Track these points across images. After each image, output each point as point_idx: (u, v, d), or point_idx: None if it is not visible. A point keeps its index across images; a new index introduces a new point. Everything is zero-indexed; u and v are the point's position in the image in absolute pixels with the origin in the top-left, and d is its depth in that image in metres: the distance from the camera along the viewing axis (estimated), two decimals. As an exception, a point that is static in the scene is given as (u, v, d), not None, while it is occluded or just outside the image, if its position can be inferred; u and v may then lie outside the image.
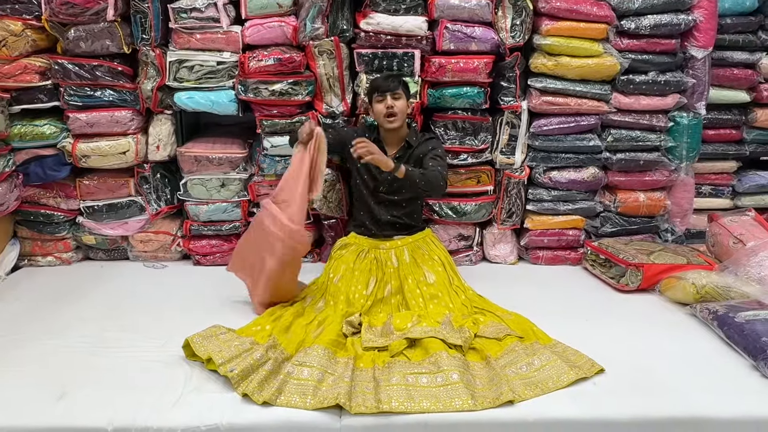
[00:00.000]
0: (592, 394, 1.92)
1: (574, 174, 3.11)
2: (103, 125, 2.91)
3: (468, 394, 1.84)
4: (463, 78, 2.89)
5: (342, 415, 1.81)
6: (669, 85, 3.01)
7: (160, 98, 2.93)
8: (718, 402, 1.88)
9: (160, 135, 2.99)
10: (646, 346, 2.23)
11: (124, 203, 3.08)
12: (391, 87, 2.61)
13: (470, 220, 3.14)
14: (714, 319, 2.32)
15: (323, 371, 1.95)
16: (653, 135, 3.09)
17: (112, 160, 2.97)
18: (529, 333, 2.25)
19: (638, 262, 2.75)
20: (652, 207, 3.18)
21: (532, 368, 2.01)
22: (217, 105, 2.91)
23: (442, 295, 2.53)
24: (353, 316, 2.32)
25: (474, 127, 2.99)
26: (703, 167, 3.30)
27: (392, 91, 2.60)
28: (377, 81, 2.67)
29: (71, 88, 2.86)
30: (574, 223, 3.19)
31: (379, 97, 2.61)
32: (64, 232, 3.12)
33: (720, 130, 3.25)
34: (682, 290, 2.57)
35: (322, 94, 2.93)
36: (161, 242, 3.16)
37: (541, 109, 3.00)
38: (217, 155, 2.99)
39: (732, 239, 2.84)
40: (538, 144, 3.06)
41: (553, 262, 3.21)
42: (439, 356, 2.00)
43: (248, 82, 2.84)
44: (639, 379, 1.99)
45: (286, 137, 2.91)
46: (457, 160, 3.03)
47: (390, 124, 2.62)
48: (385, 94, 2.60)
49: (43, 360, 2.09)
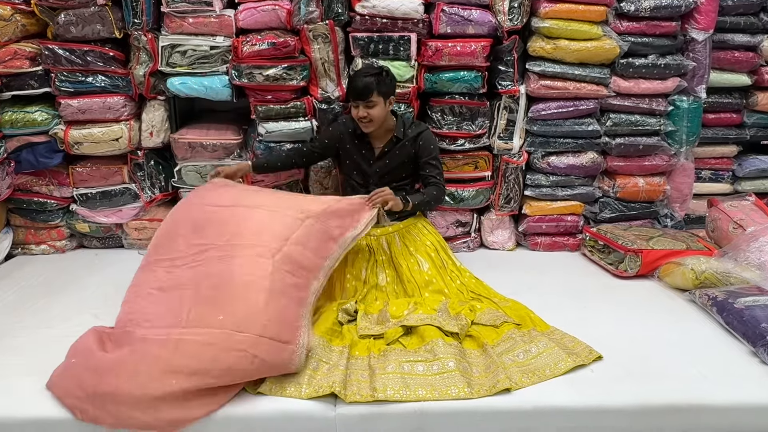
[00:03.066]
0: (589, 381, 1.90)
1: (573, 159, 3.08)
2: (95, 111, 2.87)
3: (464, 382, 1.82)
4: (460, 62, 2.85)
5: (337, 403, 1.80)
6: (669, 69, 2.96)
7: (153, 84, 2.88)
8: (716, 389, 1.86)
9: (153, 121, 2.95)
10: (645, 333, 2.21)
11: (118, 191, 3.05)
12: (363, 95, 2.47)
13: (468, 206, 3.12)
14: (713, 305, 2.30)
15: (318, 360, 1.92)
16: (653, 119, 3.06)
17: (105, 147, 2.93)
18: (526, 320, 2.23)
19: (637, 248, 2.72)
20: (651, 192, 3.15)
21: (530, 355, 1.99)
22: (210, 90, 2.87)
23: (436, 281, 2.51)
24: (349, 303, 2.30)
25: (471, 112, 2.95)
26: (703, 152, 3.27)
27: (365, 100, 2.49)
28: (352, 83, 2.54)
29: (62, 74, 2.81)
30: (572, 208, 3.16)
31: (353, 103, 2.54)
32: (57, 220, 3.09)
33: (720, 114, 3.21)
34: (681, 276, 2.54)
35: (317, 79, 2.88)
36: (156, 230, 3.12)
37: (540, 93, 2.96)
38: (211, 142, 2.95)
39: (732, 224, 2.82)
40: (536, 129, 3.03)
41: (552, 248, 3.19)
42: (435, 344, 1.98)
43: (242, 67, 2.80)
44: (637, 366, 1.97)
45: (281, 123, 2.88)
46: (455, 145, 2.99)
47: (365, 128, 2.58)
48: (358, 102, 2.51)
49: (34, 349, 2.06)
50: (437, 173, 2.68)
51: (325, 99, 2.91)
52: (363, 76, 2.52)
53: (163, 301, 2.00)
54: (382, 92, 2.51)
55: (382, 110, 2.54)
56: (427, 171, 2.67)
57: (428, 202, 2.64)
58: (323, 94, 2.90)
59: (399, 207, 2.46)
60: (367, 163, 2.69)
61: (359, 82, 2.49)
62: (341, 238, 2.27)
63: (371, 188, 2.63)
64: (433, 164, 2.67)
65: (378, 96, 2.49)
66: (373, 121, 2.54)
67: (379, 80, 2.50)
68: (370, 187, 2.66)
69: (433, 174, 2.67)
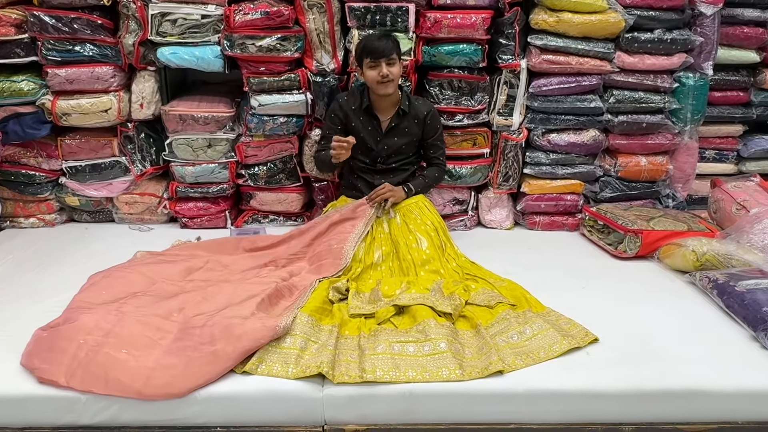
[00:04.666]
0: (585, 364, 1.85)
1: (574, 137, 3.00)
2: (83, 81, 2.79)
3: (456, 363, 1.78)
4: (460, 34, 2.76)
5: (324, 384, 1.75)
6: (675, 44, 2.87)
7: (143, 54, 2.80)
8: (715, 373, 1.81)
9: (143, 93, 2.87)
10: (643, 315, 2.15)
11: (108, 163, 2.98)
12: (386, 52, 2.45)
13: (465, 184, 3.05)
14: (714, 288, 2.25)
15: (306, 339, 1.87)
16: (657, 96, 2.97)
17: (94, 119, 2.85)
18: (521, 300, 2.18)
19: (637, 228, 2.66)
20: (653, 172, 3.08)
21: (524, 337, 1.94)
22: (201, 61, 2.78)
23: (434, 261, 2.46)
24: (340, 282, 2.24)
25: (470, 86, 2.88)
26: (707, 131, 3.20)
27: (387, 57, 2.45)
28: (370, 43, 2.49)
29: (49, 42, 2.72)
30: (572, 187, 3.10)
31: (372, 63, 2.47)
32: (46, 193, 3.03)
33: (726, 92, 3.12)
34: (682, 257, 2.48)
35: (312, 51, 2.80)
36: (147, 204, 3.07)
37: (541, 68, 2.87)
38: (202, 114, 2.88)
39: (735, 205, 2.75)
40: (537, 105, 2.94)
41: (550, 228, 3.14)
42: (427, 324, 1.93)
43: (234, 37, 2.71)
44: (634, 349, 1.92)
45: (275, 96, 2.80)
46: (453, 121, 2.92)
47: (385, 90, 2.51)
48: (380, 60, 2.45)
49: (17, 325, 2.01)
50: (440, 153, 2.77)
51: (320, 71, 2.82)
52: (378, 36, 2.53)
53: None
54: (398, 53, 2.53)
55: (400, 71, 2.54)
56: (432, 152, 2.75)
57: (429, 185, 2.78)
58: (318, 67, 2.82)
59: (402, 199, 2.60)
60: (374, 140, 2.64)
61: (379, 42, 2.47)
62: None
63: (378, 166, 2.60)
64: (439, 145, 2.76)
65: (396, 54, 2.50)
66: (394, 81, 2.51)
67: (395, 41, 2.53)
68: (378, 166, 2.63)
69: (437, 155, 2.76)
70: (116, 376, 1.69)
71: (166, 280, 2.21)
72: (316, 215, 3.05)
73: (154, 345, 1.81)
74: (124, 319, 1.89)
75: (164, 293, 2.08)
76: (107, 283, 2.16)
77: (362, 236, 2.48)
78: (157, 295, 2.04)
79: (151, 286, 2.14)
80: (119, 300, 2.03)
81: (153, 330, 1.87)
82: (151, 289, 2.12)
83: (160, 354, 1.78)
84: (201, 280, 2.25)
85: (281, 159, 3.00)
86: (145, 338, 1.83)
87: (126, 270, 2.27)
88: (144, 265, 2.35)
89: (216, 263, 2.42)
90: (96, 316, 1.89)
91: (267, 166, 3.00)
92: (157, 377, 1.70)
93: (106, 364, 1.72)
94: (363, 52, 2.50)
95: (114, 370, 1.70)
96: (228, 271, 2.34)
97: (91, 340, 1.78)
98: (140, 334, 1.85)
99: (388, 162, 2.66)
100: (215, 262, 2.43)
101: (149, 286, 2.14)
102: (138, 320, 1.90)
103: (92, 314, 1.90)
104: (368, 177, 2.69)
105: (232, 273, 2.34)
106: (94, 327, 1.84)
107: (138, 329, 1.86)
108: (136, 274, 2.23)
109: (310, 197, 3.16)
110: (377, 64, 2.46)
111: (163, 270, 2.29)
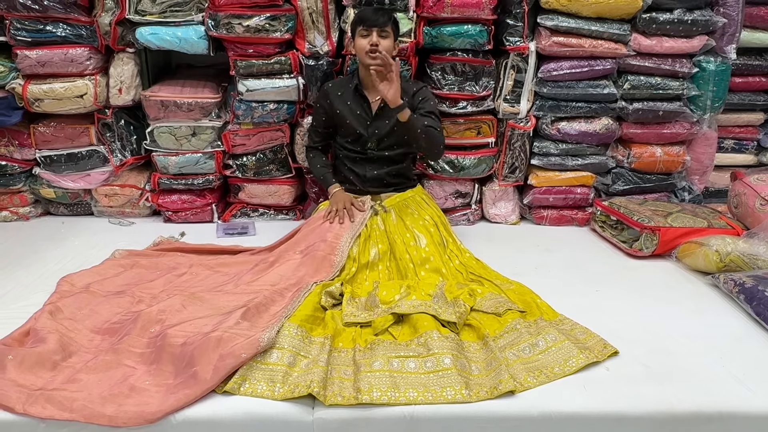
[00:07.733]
0: (605, 382, 1.65)
1: (585, 125, 2.83)
2: (56, 64, 2.58)
3: (462, 382, 1.59)
4: (464, 14, 2.57)
5: (315, 406, 1.56)
6: (696, 25, 2.68)
7: (121, 34, 2.60)
8: (750, 393, 1.62)
9: (122, 76, 2.67)
10: (664, 323, 1.97)
11: (85, 153, 2.79)
12: (380, 22, 2.31)
13: (469, 176, 2.89)
14: (740, 292, 2.07)
15: (295, 354, 1.68)
16: (675, 82, 2.80)
17: (68, 105, 2.65)
18: (532, 306, 1.99)
19: (654, 225, 2.48)
20: (669, 163, 2.91)
21: (537, 350, 1.76)
22: (184, 42, 2.58)
23: (434, 259, 2.28)
24: (334, 285, 2.05)
25: (475, 71, 2.69)
26: (726, 119, 3.04)
27: (380, 27, 2.31)
28: (365, 12, 2.37)
29: (18, 21, 2.53)
30: (583, 179, 2.93)
31: (364, 31, 2.32)
32: (19, 185, 2.85)
33: (749, 78, 2.96)
34: (704, 258, 2.30)
35: (304, 31, 2.60)
36: (128, 197, 2.89)
37: (551, 51, 2.69)
38: (186, 100, 2.69)
39: (759, 200, 2.56)
40: (546, 91, 2.77)
41: (559, 223, 2.98)
42: (429, 336, 1.74)
43: (219, 16, 2.51)
44: (657, 364, 1.73)
45: (264, 80, 2.60)
46: (456, 108, 2.73)
47: (372, 61, 2.28)
48: (372, 29, 2.31)
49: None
50: (436, 125, 2.42)
51: (313, 54, 2.63)
52: (376, 8, 2.43)
53: None
54: (394, 29, 2.40)
55: (391, 47, 2.38)
56: (425, 122, 2.39)
57: (428, 135, 2.34)
58: (311, 49, 2.62)
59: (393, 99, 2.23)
60: (363, 125, 2.46)
61: (375, 12, 2.36)
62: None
63: (368, 152, 2.44)
64: (431, 116, 2.42)
65: (391, 29, 2.37)
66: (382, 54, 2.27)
67: (393, 18, 2.41)
68: (368, 152, 2.47)
69: (431, 122, 2.40)
70: (83, 403, 1.50)
71: (146, 294, 2.03)
72: (309, 209, 2.90)
73: (129, 373, 1.63)
74: (99, 356, 1.71)
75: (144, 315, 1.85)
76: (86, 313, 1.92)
77: (358, 231, 2.30)
78: (136, 320, 1.83)
79: (130, 307, 1.95)
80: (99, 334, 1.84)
81: (127, 355, 1.70)
82: (131, 310, 1.93)
83: (134, 378, 1.59)
84: (183, 288, 2.06)
85: (271, 148, 2.82)
86: (122, 367, 1.66)
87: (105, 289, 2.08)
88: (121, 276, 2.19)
89: (201, 267, 2.24)
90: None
91: (256, 156, 2.82)
92: (130, 402, 1.51)
93: (74, 394, 1.53)
94: (357, 20, 2.38)
95: (82, 398, 1.51)
96: (213, 278, 2.16)
97: (60, 377, 1.60)
98: (116, 362, 1.68)
99: (379, 148, 2.47)
100: (200, 266, 2.24)
101: (129, 307, 1.95)
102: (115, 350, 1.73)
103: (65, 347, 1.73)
104: (358, 168, 2.52)
105: (218, 278, 2.16)
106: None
107: (113, 358, 1.69)
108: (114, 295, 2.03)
109: (302, 189, 2.99)
110: (369, 32, 2.32)
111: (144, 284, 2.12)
